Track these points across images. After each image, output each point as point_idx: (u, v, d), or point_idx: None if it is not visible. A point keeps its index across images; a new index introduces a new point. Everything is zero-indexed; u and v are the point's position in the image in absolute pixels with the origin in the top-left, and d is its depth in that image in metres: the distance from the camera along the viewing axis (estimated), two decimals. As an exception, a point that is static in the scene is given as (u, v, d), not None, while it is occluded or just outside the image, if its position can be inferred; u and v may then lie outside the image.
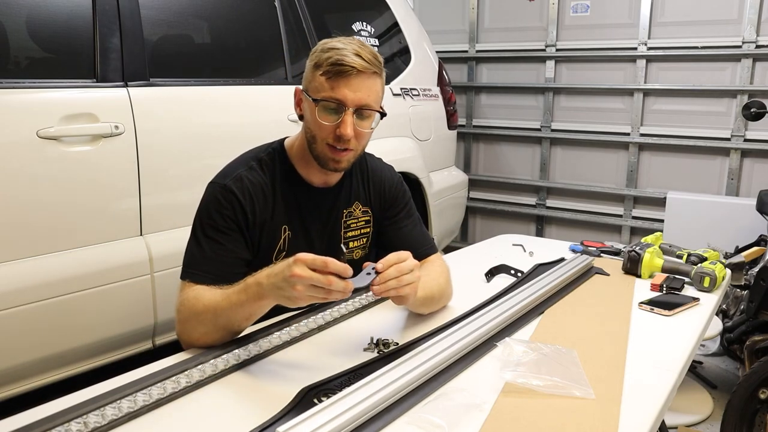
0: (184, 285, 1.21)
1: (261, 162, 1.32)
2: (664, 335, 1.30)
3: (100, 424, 0.88)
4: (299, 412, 0.88)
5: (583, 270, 1.66)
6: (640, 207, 3.89)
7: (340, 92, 1.22)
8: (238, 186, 1.27)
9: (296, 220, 1.34)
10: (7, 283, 1.57)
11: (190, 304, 1.17)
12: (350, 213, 1.42)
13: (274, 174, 1.32)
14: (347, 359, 1.13)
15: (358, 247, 1.45)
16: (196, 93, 2.06)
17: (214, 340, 1.15)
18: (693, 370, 2.72)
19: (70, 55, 1.81)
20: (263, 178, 1.31)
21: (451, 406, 0.94)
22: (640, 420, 0.95)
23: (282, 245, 1.32)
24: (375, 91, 1.27)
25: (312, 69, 1.26)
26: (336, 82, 1.22)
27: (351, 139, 1.24)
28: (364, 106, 1.24)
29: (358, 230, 1.44)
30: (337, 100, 1.22)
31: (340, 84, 1.22)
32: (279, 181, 1.32)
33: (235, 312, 1.12)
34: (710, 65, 3.54)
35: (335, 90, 1.22)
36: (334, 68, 1.21)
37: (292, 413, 0.91)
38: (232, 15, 2.32)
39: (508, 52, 4.21)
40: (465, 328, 1.19)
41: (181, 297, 1.20)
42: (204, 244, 1.24)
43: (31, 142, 1.60)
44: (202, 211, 1.28)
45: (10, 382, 1.64)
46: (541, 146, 4.17)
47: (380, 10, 3.00)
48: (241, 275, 1.17)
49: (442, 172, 3.25)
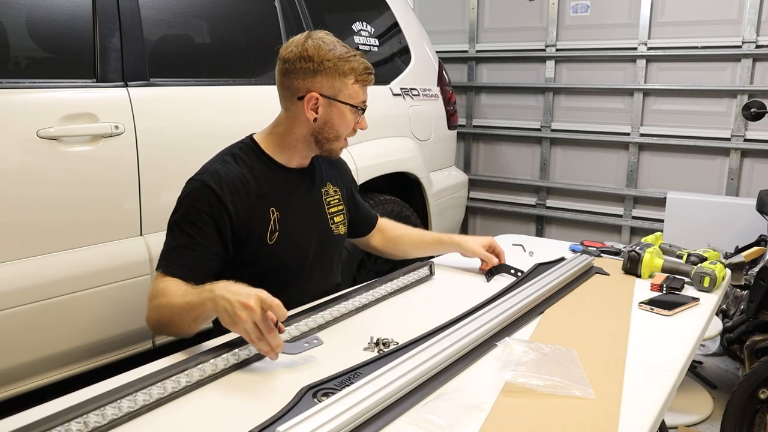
0: (157, 275, 1.29)
1: (235, 156, 1.41)
2: (664, 335, 1.30)
3: (100, 423, 0.88)
4: (299, 411, 0.88)
5: (584, 269, 1.66)
6: (640, 207, 3.89)
7: (366, 96, 1.43)
8: (215, 180, 1.34)
9: (282, 201, 1.42)
10: (7, 283, 1.57)
11: (155, 295, 1.24)
12: (326, 192, 1.54)
13: (251, 163, 1.41)
14: (347, 359, 1.13)
15: (341, 222, 1.57)
16: (196, 93, 2.06)
17: (169, 333, 1.26)
18: (693, 370, 2.72)
19: (70, 55, 1.81)
20: (240, 169, 1.39)
21: (451, 406, 0.94)
22: (640, 420, 0.95)
23: (273, 226, 1.39)
24: None
25: (339, 76, 1.37)
26: (364, 87, 1.42)
27: None
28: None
29: (336, 207, 1.56)
30: (365, 103, 1.43)
31: (366, 89, 1.42)
32: (257, 169, 1.41)
33: (185, 312, 1.19)
34: (710, 65, 3.54)
35: (365, 94, 1.42)
36: (368, 77, 1.40)
37: (292, 412, 0.91)
38: (232, 15, 2.32)
39: (508, 52, 4.21)
40: (465, 327, 1.19)
41: (152, 287, 1.27)
42: (178, 236, 1.31)
43: (31, 142, 1.60)
44: (179, 207, 1.35)
45: (10, 382, 1.64)
46: (541, 146, 4.17)
47: (380, 10, 2.99)
48: (214, 269, 1.28)
49: (442, 172, 3.25)
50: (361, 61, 1.39)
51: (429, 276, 1.64)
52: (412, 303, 1.47)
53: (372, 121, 1.52)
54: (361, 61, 1.39)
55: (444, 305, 1.41)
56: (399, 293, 1.51)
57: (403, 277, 1.55)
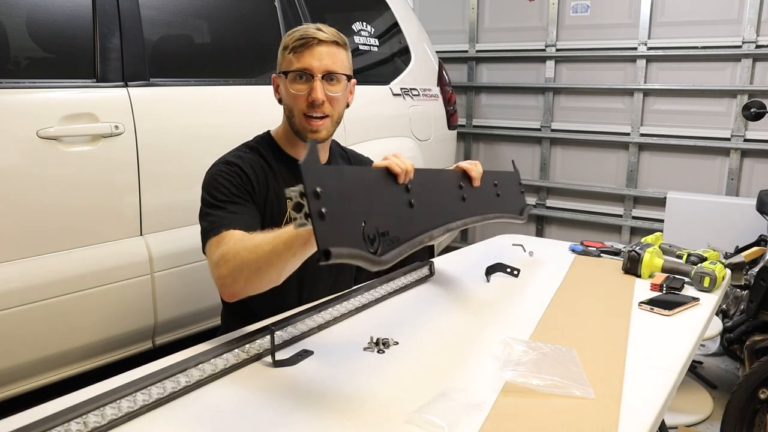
0: (215, 240, 1.23)
1: (251, 148, 1.44)
2: (664, 335, 1.30)
3: (100, 423, 0.88)
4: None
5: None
6: (640, 207, 3.89)
7: (306, 62, 1.35)
8: (239, 159, 1.38)
9: None
10: (7, 283, 1.57)
11: (228, 255, 1.17)
12: None
13: (267, 156, 1.43)
14: (347, 359, 1.13)
15: None
16: (196, 93, 2.06)
17: (253, 287, 1.17)
18: (693, 370, 2.72)
19: (70, 55, 1.81)
20: (258, 158, 1.41)
21: (451, 406, 0.94)
22: (640, 420, 0.94)
23: (289, 216, 1.39)
24: (340, 58, 1.39)
25: (281, 52, 1.40)
26: (302, 54, 1.35)
27: (324, 104, 1.37)
28: (330, 71, 1.37)
29: None
30: (304, 69, 1.36)
31: (305, 55, 1.35)
32: (272, 161, 1.43)
33: (278, 254, 1.09)
34: (710, 65, 3.54)
35: (301, 61, 1.36)
36: (299, 42, 1.35)
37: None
38: (232, 15, 2.32)
39: (508, 52, 4.21)
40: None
41: (217, 252, 1.21)
42: (222, 207, 1.30)
43: (31, 142, 1.60)
44: (210, 186, 1.34)
45: (10, 382, 1.64)
46: (541, 146, 4.17)
47: (380, 10, 2.99)
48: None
49: (442, 172, 3.25)
50: (305, 30, 1.37)
51: (429, 276, 1.64)
52: (412, 303, 1.47)
53: (372, 121, 1.52)
54: (305, 30, 1.37)
55: (444, 305, 1.41)
56: (399, 293, 1.51)
57: (403, 277, 1.55)
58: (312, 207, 0.80)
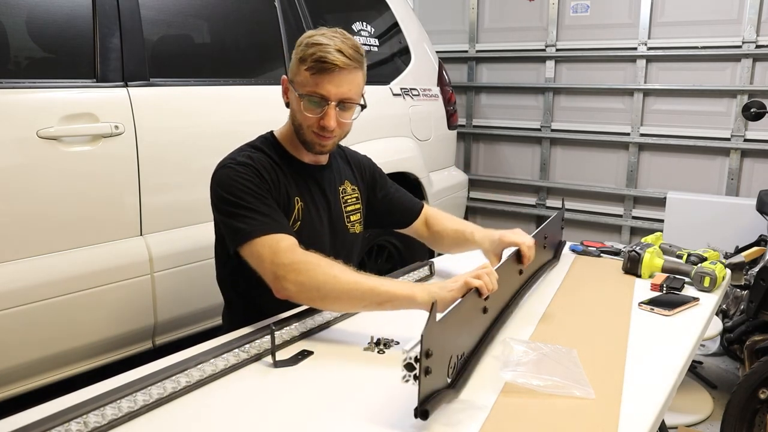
0: (266, 241, 1.23)
1: (256, 148, 1.41)
2: (664, 335, 1.30)
3: (100, 423, 0.88)
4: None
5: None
6: (640, 207, 3.89)
7: (324, 88, 1.30)
8: (249, 158, 1.35)
9: (306, 193, 1.42)
10: (8, 283, 1.57)
11: (300, 265, 1.20)
12: (344, 190, 1.52)
13: (271, 156, 1.40)
14: (347, 359, 1.13)
15: (357, 221, 1.55)
16: (196, 93, 2.06)
17: (322, 305, 1.25)
18: (693, 370, 2.72)
19: (70, 55, 1.81)
20: (265, 158, 1.38)
21: (452, 407, 0.94)
22: (640, 420, 0.94)
23: (297, 215, 1.39)
24: (356, 84, 1.35)
25: (297, 63, 1.34)
26: (320, 78, 1.30)
27: (335, 129, 1.34)
28: (346, 100, 1.33)
29: (353, 205, 1.54)
30: (320, 95, 1.31)
31: (323, 80, 1.30)
32: (277, 161, 1.40)
33: (376, 295, 1.19)
34: (710, 65, 3.54)
35: (319, 86, 1.30)
36: (318, 65, 1.29)
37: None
38: (232, 15, 2.32)
39: (508, 52, 4.21)
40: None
41: (289, 256, 1.22)
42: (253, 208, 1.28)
43: (31, 142, 1.60)
44: (230, 186, 1.30)
45: (10, 382, 1.64)
46: (541, 146, 4.17)
47: (380, 10, 2.99)
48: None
49: (442, 172, 3.25)
50: (325, 50, 1.27)
51: (429, 276, 1.64)
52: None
53: (372, 122, 1.52)
54: (325, 50, 1.27)
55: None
56: (399, 293, 1.50)
57: (403, 277, 1.55)
58: (422, 366, 0.84)
